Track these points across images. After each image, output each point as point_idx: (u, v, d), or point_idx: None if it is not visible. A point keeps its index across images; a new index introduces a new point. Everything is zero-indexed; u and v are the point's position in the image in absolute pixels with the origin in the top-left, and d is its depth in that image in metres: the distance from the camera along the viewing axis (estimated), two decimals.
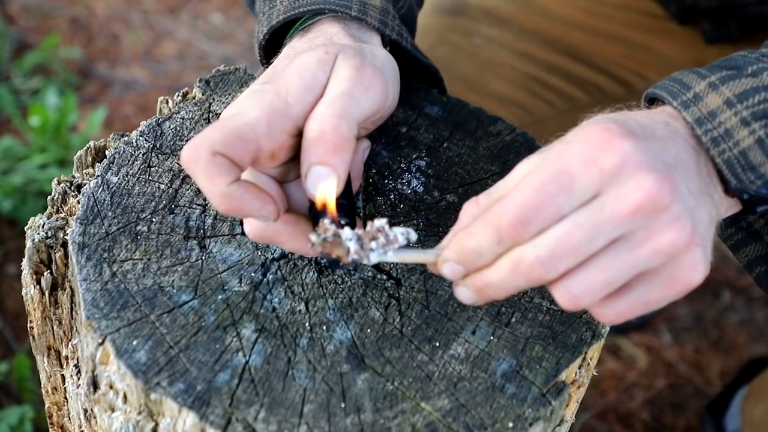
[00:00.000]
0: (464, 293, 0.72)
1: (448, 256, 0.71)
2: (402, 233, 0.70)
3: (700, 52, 1.31)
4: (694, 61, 1.32)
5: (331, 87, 0.77)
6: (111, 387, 0.76)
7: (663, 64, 1.33)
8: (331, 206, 0.73)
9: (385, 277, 0.83)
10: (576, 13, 1.35)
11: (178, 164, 0.89)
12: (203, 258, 0.82)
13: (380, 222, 0.70)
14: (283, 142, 0.76)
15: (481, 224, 0.69)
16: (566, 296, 0.68)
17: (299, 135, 0.76)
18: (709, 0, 1.22)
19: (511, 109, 1.30)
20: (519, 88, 1.32)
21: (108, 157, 0.89)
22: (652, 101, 0.79)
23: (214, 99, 0.96)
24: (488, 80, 1.30)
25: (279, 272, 0.82)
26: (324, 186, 0.73)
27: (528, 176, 0.67)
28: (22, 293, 0.86)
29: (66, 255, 0.82)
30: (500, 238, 0.68)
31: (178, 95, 0.97)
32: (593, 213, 0.66)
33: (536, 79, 1.33)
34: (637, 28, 1.34)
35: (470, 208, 0.72)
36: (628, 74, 1.35)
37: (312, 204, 0.75)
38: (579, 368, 0.81)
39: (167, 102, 0.96)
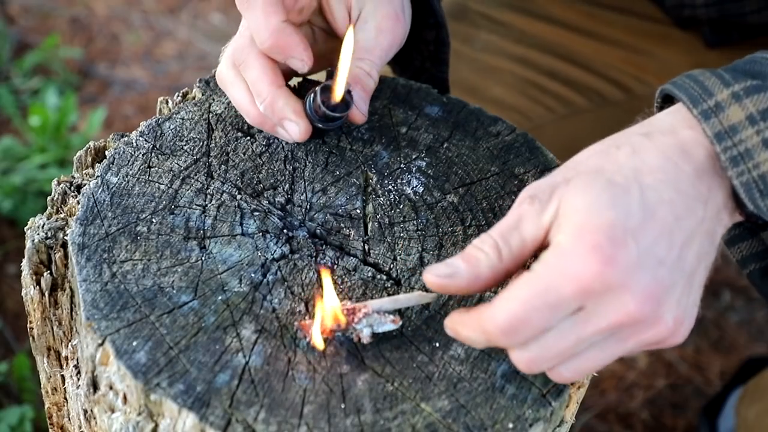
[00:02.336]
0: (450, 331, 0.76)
1: (447, 324, 0.75)
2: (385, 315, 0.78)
3: (701, 57, 1.31)
4: (695, 65, 1.31)
5: (370, 28, 0.92)
6: (111, 388, 0.76)
7: (663, 68, 1.33)
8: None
9: (384, 277, 0.83)
10: (576, 18, 1.35)
11: (178, 164, 0.89)
12: (203, 259, 0.82)
13: (367, 332, 0.77)
14: (311, 4, 0.92)
15: (473, 324, 0.72)
16: (526, 363, 0.72)
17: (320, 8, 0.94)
18: (708, 10, 1.22)
19: (511, 115, 1.30)
20: (518, 93, 1.31)
21: (108, 157, 0.89)
22: (666, 98, 0.79)
23: (214, 99, 0.96)
24: (488, 85, 1.30)
25: (279, 273, 0.82)
26: None
27: (517, 289, 0.70)
28: (22, 294, 0.86)
29: (66, 255, 0.82)
30: (489, 340, 0.72)
31: (178, 95, 0.97)
32: (578, 327, 0.70)
33: (536, 84, 1.32)
34: (638, 33, 1.34)
35: (490, 254, 0.73)
36: (628, 79, 1.34)
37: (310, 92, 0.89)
38: None
39: (167, 102, 0.96)
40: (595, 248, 0.68)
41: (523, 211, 0.72)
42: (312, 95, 0.89)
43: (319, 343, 0.76)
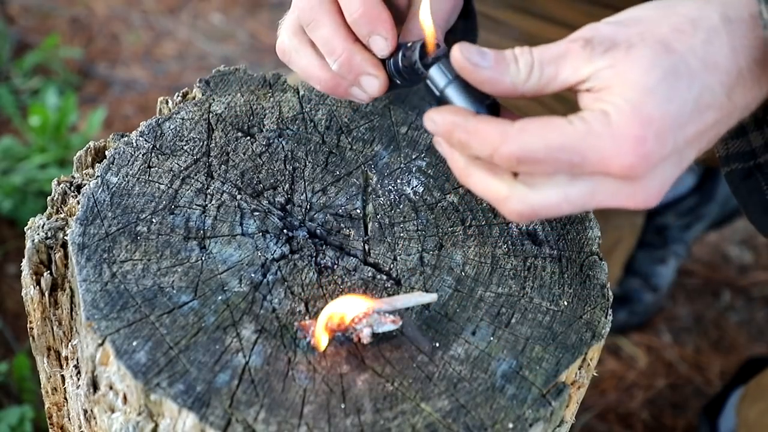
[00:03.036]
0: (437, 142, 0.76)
1: (438, 123, 0.73)
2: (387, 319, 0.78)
3: None
4: None
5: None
6: (111, 388, 0.76)
7: None
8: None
9: (385, 277, 0.83)
10: (576, 17, 1.34)
11: (178, 164, 0.89)
12: (203, 259, 0.82)
13: (367, 332, 0.77)
14: None
15: (483, 133, 0.71)
16: (517, 220, 0.74)
17: None
18: None
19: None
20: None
21: (108, 157, 0.89)
22: None
23: (214, 99, 0.96)
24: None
25: (279, 273, 0.82)
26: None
27: (550, 131, 0.69)
28: (22, 294, 0.86)
29: (66, 255, 0.82)
30: (491, 156, 0.71)
31: (178, 95, 0.97)
32: (585, 197, 0.71)
33: None
34: None
35: (520, 70, 0.72)
36: None
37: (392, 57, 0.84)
38: (579, 369, 0.81)
39: (167, 102, 0.96)
40: (639, 141, 0.68)
41: (571, 49, 0.72)
42: (403, 51, 0.83)
43: (320, 344, 0.76)
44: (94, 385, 0.78)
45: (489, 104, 0.76)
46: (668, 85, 0.69)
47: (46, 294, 0.83)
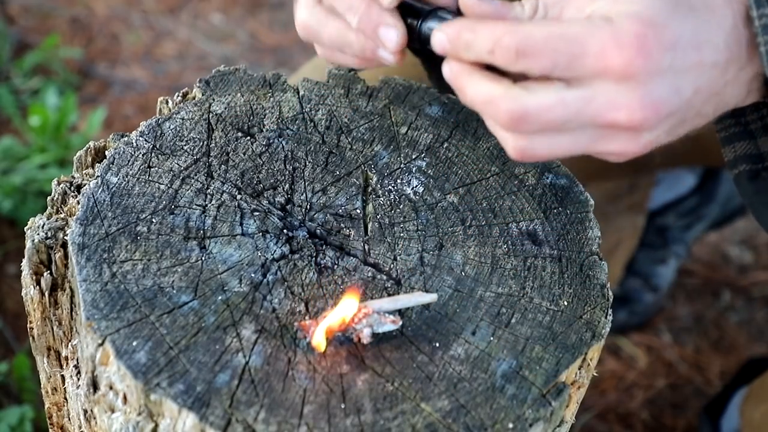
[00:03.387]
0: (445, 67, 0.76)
1: (445, 30, 0.74)
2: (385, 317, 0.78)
3: None
4: None
5: None
6: (111, 388, 0.76)
7: None
8: None
9: (385, 277, 0.83)
10: None
11: (178, 164, 0.89)
12: (203, 259, 0.82)
13: (367, 332, 0.77)
14: None
15: (486, 30, 0.72)
16: (517, 154, 0.74)
17: None
18: None
19: None
20: None
21: (108, 157, 0.89)
22: None
23: (214, 99, 0.96)
24: None
25: (279, 273, 0.82)
26: None
27: (552, 23, 0.70)
28: (22, 294, 0.86)
29: (66, 255, 0.82)
30: (492, 51, 0.71)
31: (178, 95, 0.97)
32: (580, 102, 0.70)
33: None
34: None
35: (526, 9, 0.75)
36: None
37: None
38: (579, 369, 0.81)
39: (167, 102, 0.96)
40: (639, 36, 0.68)
41: None
42: (427, 15, 0.84)
43: (320, 344, 0.76)
44: (94, 385, 0.78)
45: None
46: (669, 9, 0.70)
47: (46, 294, 0.83)
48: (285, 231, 0.85)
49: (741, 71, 0.74)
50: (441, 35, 0.74)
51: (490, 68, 0.74)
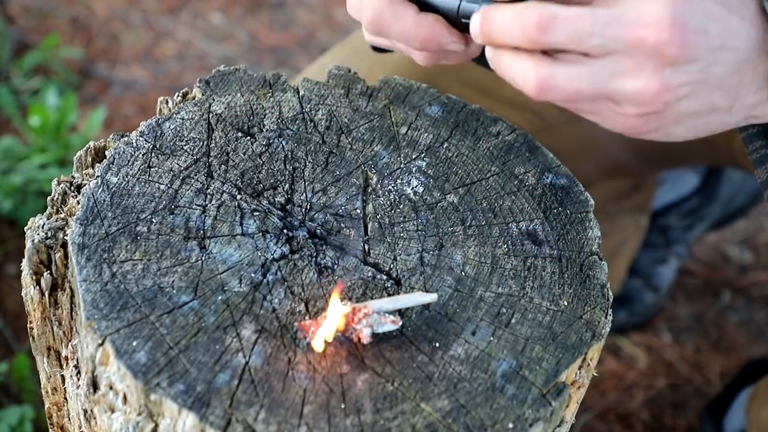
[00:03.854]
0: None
1: (481, 14, 0.76)
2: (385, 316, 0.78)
3: None
4: None
5: None
6: (111, 388, 0.76)
7: None
8: None
9: (384, 277, 0.83)
10: None
11: (178, 164, 0.89)
12: (203, 259, 0.82)
13: (367, 332, 0.77)
14: None
15: (512, 9, 0.74)
16: (539, 81, 0.74)
17: None
18: None
19: (524, 114, 1.30)
20: None
21: (108, 157, 0.89)
22: None
23: (214, 99, 0.96)
24: (500, 85, 1.30)
25: (279, 273, 0.82)
26: None
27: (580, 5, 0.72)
28: (22, 294, 0.86)
29: (66, 255, 0.82)
30: (521, 24, 0.73)
31: (178, 95, 0.97)
32: (610, 17, 0.71)
33: None
34: None
35: None
36: None
37: None
38: (579, 369, 0.81)
39: (167, 102, 0.96)
40: (677, 24, 0.70)
41: None
42: None
43: (318, 346, 0.76)
44: (94, 385, 0.78)
45: None
46: (690, 7, 0.72)
47: (46, 294, 0.83)
48: (285, 231, 0.85)
49: (759, 60, 0.75)
50: (475, 18, 0.76)
51: None
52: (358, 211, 0.88)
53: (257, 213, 0.86)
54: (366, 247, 0.86)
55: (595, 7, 0.72)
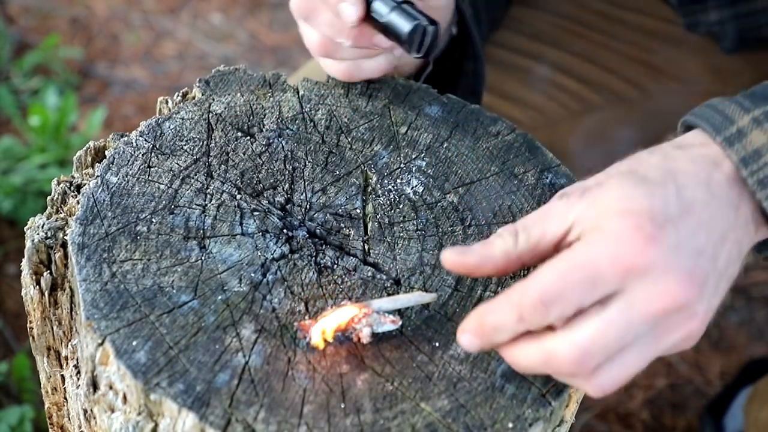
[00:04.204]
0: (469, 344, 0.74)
1: (466, 328, 0.73)
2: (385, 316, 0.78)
3: (718, 59, 1.31)
4: (711, 67, 1.32)
5: None
6: (111, 387, 0.76)
7: (678, 67, 1.33)
8: None
9: (384, 277, 0.83)
10: (591, 17, 1.35)
11: (178, 164, 0.89)
12: (203, 258, 0.82)
13: (367, 331, 0.77)
14: None
15: (503, 302, 0.71)
16: (598, 390, 0.71)
17: None
18: (723, 27, 1.22)
19: (526, 111, 1.30)
20: (533, 89, 1.31)
21: (108, 157, 0.89)
22: (687, 128, 0.80)
23: (213, 99, 0.96)
24: (502, 82, 1.30)
25: (279, 272, 0.82)
26: None
27: (554, 262, 0.69)
28: (22, 294, 0.86)
29: (66, 255, 0.82)
30: (521, 317, 0.70)
31: (178, 95, 0.97)
32: (624, 312, 0.68)
33: (550, 80, 1.32)
34: (653, 33, 1.33)
35: (506, 239, 0.74)
36: (643, 77, 1.34)
37: None
38: None
39: (167, 102, 0.96)
40: (638, 228, 0.68)
41: (550, 207, 0.73)
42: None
43: (317, 340, 0.76)
44: (94, 385, 0.78)
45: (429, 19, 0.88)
46: (644, 189, 0.71)
47: (46, 294, 0.83)
48: (285, 231, 0.85)
49: (738, 210, 0.73)
50: (467, 336, 0.73)
51: None
52: (358, 210, 0.88)
53: (257, 213, 0.86)
54: (366, 246, 0.86)
55: (604, 311, 0.69)
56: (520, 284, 0.70)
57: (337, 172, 0.91)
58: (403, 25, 0.88)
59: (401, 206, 0.89)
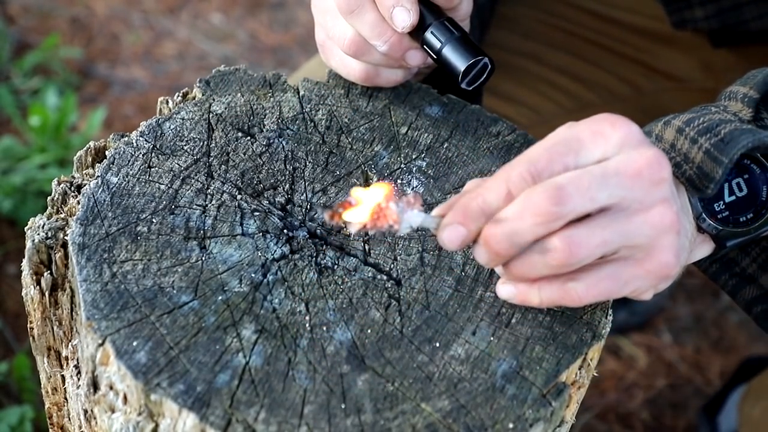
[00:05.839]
0: (483, 256, 0.75)
1: (449, 221, 0.74)
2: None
3: (708, 55, 1.31)
4: (702, 63, 1.32)
5: None
6: (111, 388, 0.76)
7: (671, 65, 1.34)
8: None
9: (385, 277, 0.83)
10: (584, 16, 1.35)
11: (179, 164, 0.89)
12: (203, 259, 0.82)
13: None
14: None
15: (491, 182, 0.73)
16: (567, 242, 0.72)
17: None
18: (709, 23, 1.23)
19: (520, 110, 1.30)
20: (527, 88, 1.32)
21: (108, 157, 0.89)
22: None
23: (214, 99, 0.96)
24: (497, 81, 1.30)
25: (279, 273, 0.82)
26: None
27: (541, 141, 0.74)
28: (22, 294, 0.86)
29: (66, 255, 0.82)
30: (509, 191, 0.72)
31: (178, 95, 0.97)
32: (601, 166, 0.72)
33: (545, 79, 1.33)
34: (645, 32, 1.34)
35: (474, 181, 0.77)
36: (636, 75, 1.35)
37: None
38: (579, 369, 0.81)
39: (167, 102, 0.96)
40: (612, 115, 0.74)
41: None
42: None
43: (359, 220, 0.74)
44: (94, 385, 0.78)
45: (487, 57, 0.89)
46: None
47: (46, 294, 0.83)
48: (285, 231, 0.85)
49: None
50: (451, 228, 0.74)
51: None
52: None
53: (257, 213, 0.86)
54: (366, 247, 0.86)
55: (582, 166, 0.73)
56: (506, 164, 0.74)
57: (338, 173, 0.91)
58: (461, 60, 0.89)
59: None
